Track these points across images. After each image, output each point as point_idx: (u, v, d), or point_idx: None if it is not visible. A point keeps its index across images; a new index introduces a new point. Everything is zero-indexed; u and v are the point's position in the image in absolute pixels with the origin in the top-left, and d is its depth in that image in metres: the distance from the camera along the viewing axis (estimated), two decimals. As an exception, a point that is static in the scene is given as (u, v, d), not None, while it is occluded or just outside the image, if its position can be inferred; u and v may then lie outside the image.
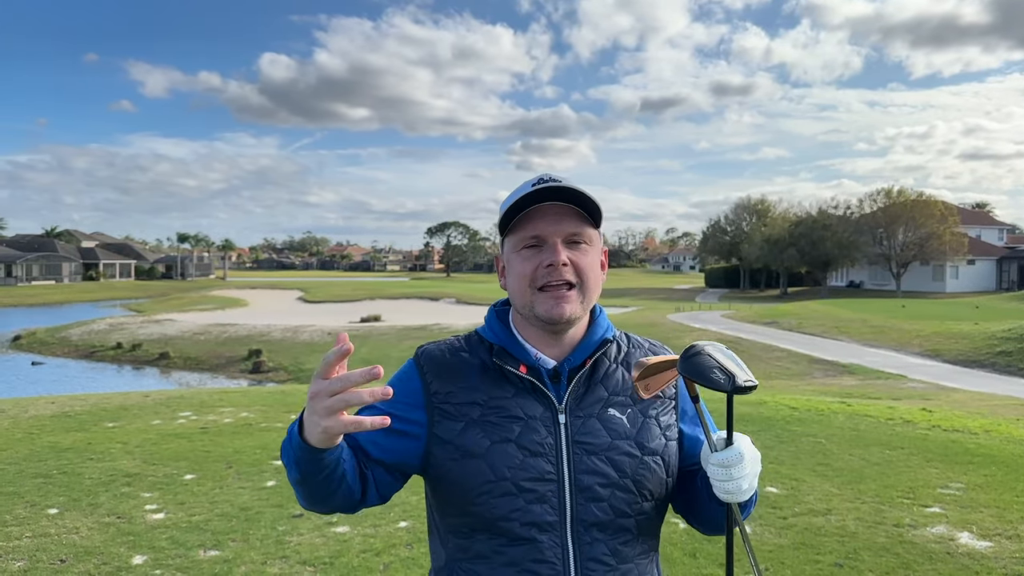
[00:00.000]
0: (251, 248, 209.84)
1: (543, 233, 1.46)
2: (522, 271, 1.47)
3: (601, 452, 1.46)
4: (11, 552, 4.77)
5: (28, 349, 32.24)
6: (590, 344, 1.53)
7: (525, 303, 1.48)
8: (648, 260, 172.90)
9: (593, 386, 1.52)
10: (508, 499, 1.43)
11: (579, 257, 1.48)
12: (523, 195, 1.45)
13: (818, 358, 22.30)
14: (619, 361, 1.57)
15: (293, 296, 67.47)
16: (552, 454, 1.44)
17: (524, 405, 1.47)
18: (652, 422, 1.52)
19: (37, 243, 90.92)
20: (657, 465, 1.50)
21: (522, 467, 1.43)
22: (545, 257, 1.45)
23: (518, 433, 1.45)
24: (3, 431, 8.32)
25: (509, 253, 1.52)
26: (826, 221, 64.55)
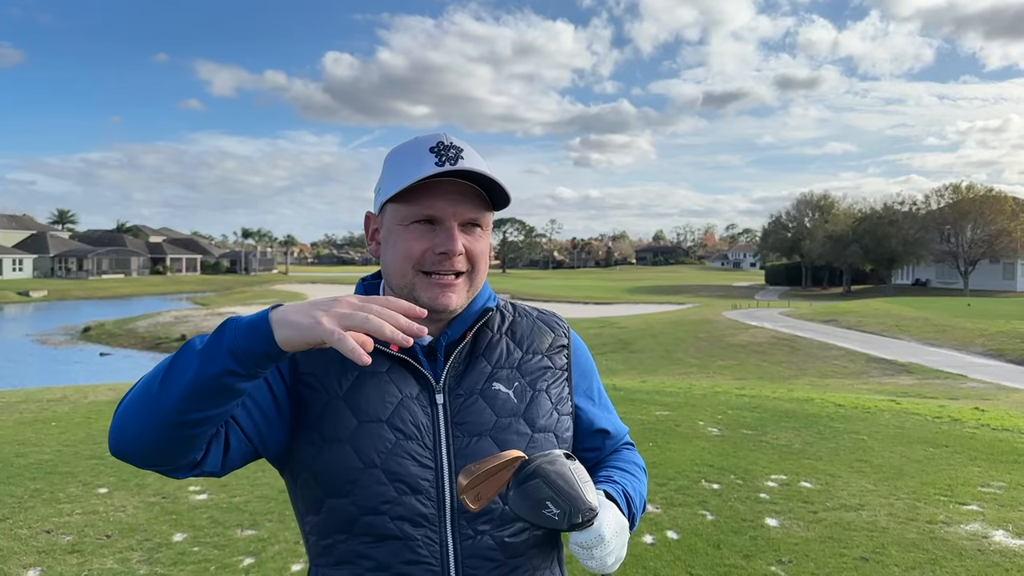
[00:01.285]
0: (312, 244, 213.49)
1: (440, 214, 1.28)
2: (408, 250, 1.29)
3: (486, 433, 1.31)
4: (62, 527, 5.03)
5: (97, 340, 33.42)
6: (469, 315, 1.38)
7: (404, 284, 1.31)
8: (707, 257, 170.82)
9: (474, 361, 1.37)
10: (377, 489, 1.25)
11: (473, 243, 1.32)
12: (428, 174, 1.25)
13: (876, 357, 21.82)
14: (503, 331, 1.42)
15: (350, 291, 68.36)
16: (429, 436, 1.29)
17: (399, 382, 1.31)
18: (543, 396, 1.38)
19: (107, 238, 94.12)
20: (550, 443, 1.36)
21: (394, 451, 1.26)
22: (439, 242, 1.28)
23: (390, 412, 1.29)
24: (63, 416, 8.71)
25: (392, 223, 1.32)
26: (891, 217, 63.06)
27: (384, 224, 1.36)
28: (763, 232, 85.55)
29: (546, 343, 1.45)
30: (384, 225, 1.36)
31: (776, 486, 6.09)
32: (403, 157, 1.33)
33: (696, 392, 11.42)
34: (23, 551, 4.61)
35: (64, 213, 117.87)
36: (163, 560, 4.51)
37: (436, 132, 1.32)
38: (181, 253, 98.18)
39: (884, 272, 65.06)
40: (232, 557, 4.57)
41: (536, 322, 1.47)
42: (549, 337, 1.46)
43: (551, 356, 1.44)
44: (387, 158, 1.38)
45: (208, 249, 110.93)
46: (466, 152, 1.30)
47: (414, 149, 1.32)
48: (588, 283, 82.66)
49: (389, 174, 1.33)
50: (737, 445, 7.47)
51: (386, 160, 1.37)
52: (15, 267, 75.30)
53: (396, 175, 1.30)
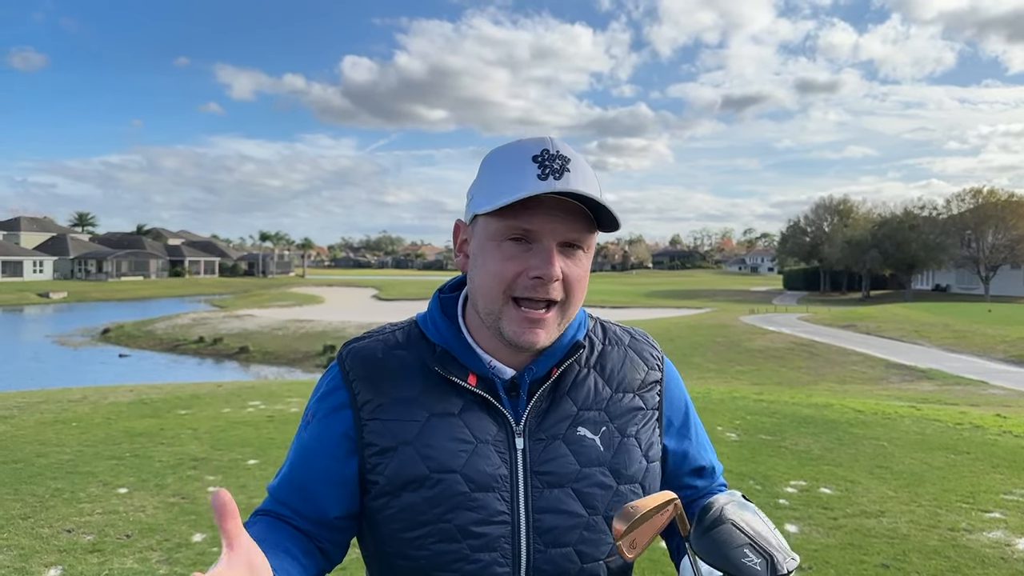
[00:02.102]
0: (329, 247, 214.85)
1: (538, 231, 1.13)
2: (500, 272, 1.15)
3: (567, 484, 1.19)
4: (82, 526, 5.06)
5: (116, 342, 33.68)
6: (558, 349, 1.24)
7: (491, 311, 1.18)
8: (724, 261, 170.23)
9: (558, 400, 1.23)
10: (449, 546, 1.15)
11: (572, 268, 1.17)
12: (529, 193, 1.10)
13: (895, 363, 21.65)
14: (591, 365, 1.28)
15: (368, 294, 68.72)
16: (506, 488, 1.17)
17: (473, 424, 1.19)
18: (631, 442, 1.25)
19: (127, 240, 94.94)
20: (635, 495, 1.23)
21: (467, 505, 1.16)
22: (535, 264, 1.13)
23: (464, 462, 1.17)
24: (83, 416, 8.78)
25: (483, 238, 1.18)
26: (911, 222, 62.61)
27: (475, 237, 1.21)
28: (781, 237, 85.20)
29: (638, 379, 1.31)
30: (475, 238, 1.21)
31: (795, 492, 6.05)
32: (502, 164, 1.17)
33: (714, 397, 11.36)
34: (44, 550, 4.65)
35: (84, 216, 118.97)
36: (183, 560, 4.54)
37: (541, 138, 1.17)
38: (199, 255, 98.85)
39: (904, 277, 64.56)
40: (251, 558, 4.58)
41: (628, 352, 1.33)
42: (642, 371, 1.32)
43: (643, 395, 1.30)
44: (484, 161, 1.23)
45: (226, 252, 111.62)
46: (573, 164, 1.14)
47: (515, 155, 1.16)
48: (604, 287, 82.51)
49: (485, 181, 1.19)
50: (755, 451, 7.43)
51: (483, 163, 1.23)
52: (36, 269, 76.06)
53: (493, 184, 1.16)
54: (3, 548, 4.65)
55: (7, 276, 71.82)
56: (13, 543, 4.73)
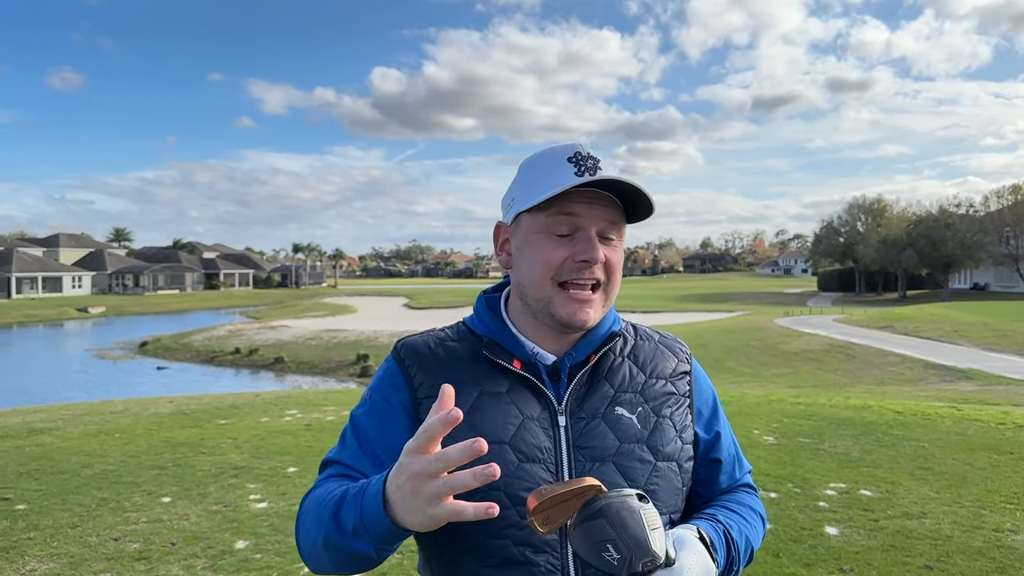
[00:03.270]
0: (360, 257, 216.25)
1: (580, 221, 1.26)
2: (548, 260, 1.26)
3: (608, 458, 1.27)
4: (128, 535, 5.16)
5: (154, 355, 34.20)
6: (595, 338, 1.34)
7: (541, 297, 1.28)
8: (756, 264, 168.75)
9: (597, 383, 1.33)
10: (501, 512, 1.15)
11: (610, 253, 1.29)
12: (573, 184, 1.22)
13: (934, 363, 21.34)
14: (625, 355, 1.39)
15: (399, 303, 69.12)
16: (551, 460, 1.26)
17: (520, 402, 1.28)
18: (667, 422, 1.34)
19: (162, 255, 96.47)
20: (673, 472, 1.32)
21: (517, 474, 1.23)
22: (580, 249, 1.25)
23: (512, 434, 1.25)
24: (126, 427, 8.94)
25: (530, 232, 1.29)
26: (947, 220, 61.77)
27: (519, 234, 1.32)
28: (815, 238, 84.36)
29: (669, 368, 1.41)
30: (519, 235, 1.32)
31: (835, 494, 6.00)
32: (540, 167, 1.30)
33: (749, 400, 11.28)
34: (93, 558, 4.75)
35: (121, 231, 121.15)
36: (226, 567, 4.61)
37: (572, 143, 1.30)
38: (234, 268, 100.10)
39: (940, 276, 63.63)
40: (293, 564, 4.65)
41: (659, 346, 1.44)
42: (672, 362, 1.42)
43: (674, 382, 1.40)
44: (522, 167, 1.35)
45: (260, 264, 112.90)
46: (603, 164, 1.27)
47: (551, 159, 1.29)
48: (634, 292, 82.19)
49: (525, 184, 1.31)
50: (794, 453, 7.37)
51: (521, 169, 1.35)
52: (75, 284, 77.47)
53: (533, 185, 1.28)
54: (53, 556, 4.76)
55: (47, 292, 73.24)
56: (63, 551, 4.84)
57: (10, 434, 8.48)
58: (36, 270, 73.59)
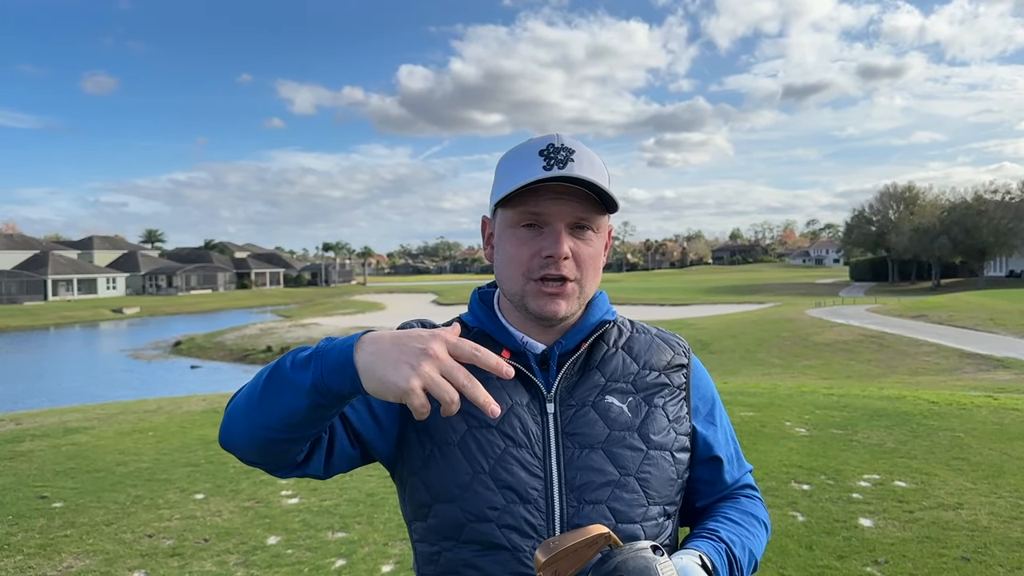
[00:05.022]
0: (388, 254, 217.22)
1: (546, 215, 1.24)
2: (516, 255, 1.26)
3: (598, 445, 1.26)
4: (162, 531, 5.23)
5: (187, 354, 34.61)
6: (585, 326, 1.34)
7: (515, 292, 1.28)
8: (787, 254, 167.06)
9: (588, 372, 1.32)
10: (485, 495, 1.22)
11: (582, 247, 1.26)
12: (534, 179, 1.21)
13: (970, 352, 20.98)
14: (620, 345, 1.38)
15: (427, 299, 69.35)
16: (539, 445, 1.25)
17: (509, 390, 1.27)
18: (658, 411, 1.32)
19: (194, 255, 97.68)
20: (666, 461, 1.29)
21: (503, 458, 1.23)
22: (545, 245, 1.24)
23: (500, 418, 1.25)
24: (159, 426, 9.05)
25: (502, 227, 1.30)
26: (981, 207, 60.61)
27: (495, 227, 1.34)
28: (846, 227, 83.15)
29: (664, 360, 1.38)
30: (495, 228, 1.34)
31: (869, 486, 5.92)
32: (513, 161, 1.29)
33: (781, 392, 11.17)
34: (128, 554, 4.81)
35: (153, 232, 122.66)
36: (259, 563, 4.65)
37: (549, 135, 1.28)
38: (265, 267, 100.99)
39: (975, 264, 62.60)
40: (324, 559, 4.68)
41: (655, 339, 1.42)
42: (668, 355, 1.40)
43: (668, 374, 1.37)
44: (499, 162, 1.34)
45: (290, 263, 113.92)
46: (577, 154, 1.25)
47: (524, 153, 1.28)
48: (663, 284, 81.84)
49: (500, 178, 1.31)
50: (826, 445, 7.28)
51: (498, 164, 1.34)
52: (109, 285, 78.63)
53: (506, 179, 1.27)
54: (89, 553, 4.84)
55: (82, 293, 74.42)
56: (98, 548, 4.91)
57: (47, 433, 8.62)
58: (71, 272, 74.79)
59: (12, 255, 75.82)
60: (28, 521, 5.46)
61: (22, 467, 7.04)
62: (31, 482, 6.49)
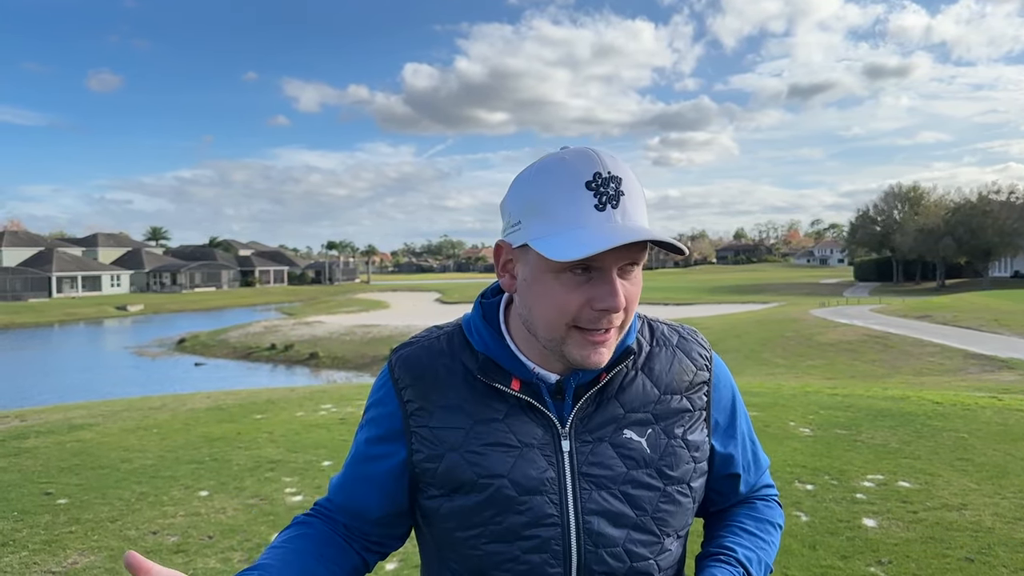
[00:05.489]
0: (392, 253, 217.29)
1: (600, 263, 1.09)
2: (563, 305, 1.12)
3: (614, 486, 1.19)
4: (166, 528, 5.24)
5: (191, 351, 34.71)
6: None
7: (554, 338, 1.15)
8: (791, 254, 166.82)
9: (605, 402, 1.22)
10: (500, 547, 1.17)
11: (630, 288, 1.14)
12: (602, 249, 1.04)
13: (974, 353, 20.95)
14: (639, 367, 1.26)
15: (431, 298, 69.40)
16: (554, 491, 1.17)
17: (518, 429, 1.19)
18: (678, 443, 1.23)
19: (199, 253, 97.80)
20: (683, 496, 1.23)
21: (518, 510, 1.17)
22: (599, 296, 1.10)
23: (511, 466, 1.17)
24: (163, 423, 9.07)
25: (540, 269, 1.13)
26: (986, 207, 60.50)
27: (527, 264, 1.16)
28: (851, 227, 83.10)
29: (686, 380, 1.28)
30: (527, 266, 1.16)
31: (873, 486, 5.92)
32: (552, 191, 1.11)
33: (785, 392, 11.17)
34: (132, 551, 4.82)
35: (157, 230, 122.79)
36: (263, 560, 4.66)
37: (587, 155, 1.11)
38: (269, 265, 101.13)
39: (980, 265, 62.48)
40: (328, 557, 4.68)
41: (676, 352, 1.30)
42: (690, 372, 1.29)
43: (690, 396, 1.28)
44: (529, 182, 1.15)
45: (294, 261, 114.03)
46: (626, 183, 1.10)
47: (566, 180, 1.10)
48: (667, 283, 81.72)
49: (536, 211, 1.12)
50: (830, 445, 7.28)
51: (528, 184, 1.15)
52: (113, 283, 78.82)
53: (546, 217, 1.10)
54: (94, 550, 4.85)
55: (87, 291, 74.61)
56: (103, 545, 4.93)
57: (52, 430, 8.64)
58: (75, 269, 74.98)
59: (17, 252, 76.02)
60: (33, 517, 5.47)
61: (27, 463, 7.06)
62: (36, 478, 6.51)
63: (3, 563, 4.65)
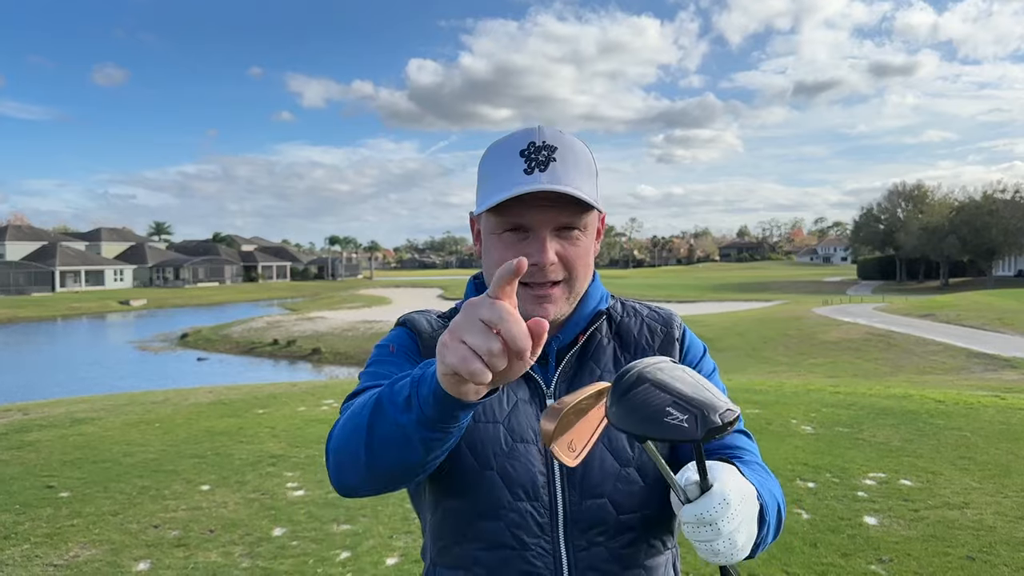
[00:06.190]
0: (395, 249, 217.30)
1: (530, 223, 1.21)
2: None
3: (598, 440, 1.17)
4: (168, 522, 5.25)
5: (194, 346, 34.69)
6: (580, 319, 1.33)
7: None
8: (795, 252, 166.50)
9: (584, 364, 1.32)
10: (493, 493, 1.22)
11: (569, 249, 1.23)
12: (514, 193, 1.17)
13: (977, 352, 20.91)
14: (612, 334, 1.37)
15: (433, 294, 69.27)
16: (540, 444, 1.24)
17: (511, 385, 1.27)
18: None
19: (202, 248, 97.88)
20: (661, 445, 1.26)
21: (510, 455, 1.23)
22: (530, 252, 1.20)
23: (507, 414, 1.25)
24: (166, 417, 9.09)
25: (487, 230, 1.28)
26: (991, 206, 60.33)
27: (481, 227, 1.31)
28: (854, 225, 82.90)
29: (657, 341, 1.37)
30: (481, 228, 1.31)
31: (874, 484, 5.91)
32: (495, 161, 1.26)
33: (787, 390, 11.15)
34: (134, 544, 4.84)
35: (161, 225, 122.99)
36: (264, 554, 4.67)
37: (529, 129, 1.24)
38: (272, 261, 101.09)
39: (984, 264, 62.35)
40: (329, 551, 4.69)
41: (645, 321, 1.40)
42: (660, 335, 1.38)
43: (661, 352, 1.35)
44: (483, 156, 1.30)
45: (297, 256, 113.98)
46: (560, 152, 1.20)
47: (505, 151, 1.24)
48: (670, 281, 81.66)
49: (482, 179, 1.29)
50: (832, 443, 7.27)
51: (482, 158, 1.31)
52: (116, 277, 78.84)
53: (487, 182, 1.26)
54: (95, 543, 4.86)
55: (90, 285, 74.66)
56: (104, 538, 4.94)
57: (54, 424, 8.66)
58: (79, 264, 75.03)
59: (21, 246, 76.11)
60: (35, 510, 5.49)
61: (29, 457, 7.07)
62: (38, 472, 6.52)
63: (5, 556, 4.66)
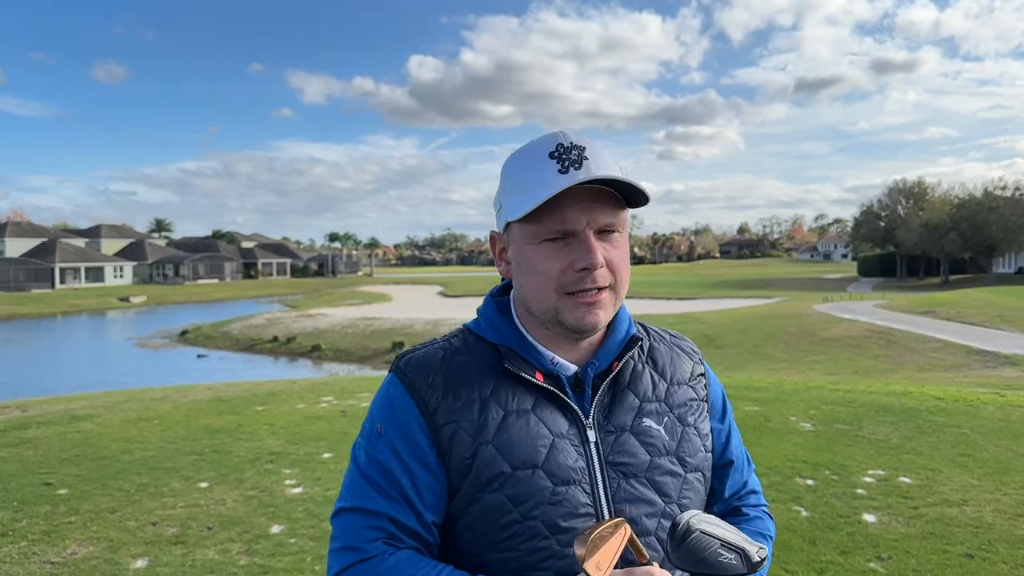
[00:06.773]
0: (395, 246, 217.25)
1: (574, 226, 1.15)
2: (546, 271, 1.16)
3: (641, 474, 1.20)
4: (166, 519, 5.24)
5: (194, 343, 34.74)
6: (614, 344, 1.27)
7: (547, 308, 1.19)
8: (795, 249, 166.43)
9: (620, 393, 1.25)
10: (538, 543, 1.14)
11: (612, 252, 1.18)
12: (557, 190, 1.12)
13: (977, 349, 20.92)
14: (643, 360, 1.31)
15: (434, 291, 69.44)
16: (586, 480, 1.18)
17: (547, 420, 1.19)
18: (692, 432, 1.28)
19: (202, 244, 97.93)
20: (699, 483, 1.27)
21: (553, 501, 1.15)
22: (577, 257, 1.15)
23: (545, 457, 1.17)
24: (164, 414, 9.08)
25: (522, 242, 1.20)
26: (991, 203, 60.32)
27: (512, 244, 1.24)
28: (855, 222, 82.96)
29: (687, 372, 1.34)
30: (512, 245, 1.24)
31: (873, 482, 5.90)
32: (521, 168, 1.20)
33: (787, 387, 11.15)
34: (132, 542, 4.83)
35: (161, 221, 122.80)
36: (262, 551, 4.66)
37: (553, 134, 1.20)
38: (271, 258, 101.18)
39: (984, 261, 62.41)
40: (326, 548, 4.66)
41: (672, 347, 1.37)
42: (688, 364, 1.35)
43: (693, 386, 1.33)
44: (504, 169, 1.25)
45: (297, 253, 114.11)
46: (590, 150, 1.17)
47: (532, 157, 1.19)
48: (670, 278, 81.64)
49: (509, 189, 1.22)
50: (831, 440, 7.26)
51: (503, 172, 1.25)
52: (116, 274, 78.89)
53: (517, 191, 1.19)
54: (93, 540, 4.85)
55: (90, 282, 74.68)
56: (102, 535, 4.93)
57: (52, 421, 8.65)
58: (79, 260, 75.04)
59: (20, 243, 76.11)
60: (33, 507, 5.48)
61: (27, 454, 7.06)
62: (36, 469, 6.52)
63: (2, 553, 4.65)
